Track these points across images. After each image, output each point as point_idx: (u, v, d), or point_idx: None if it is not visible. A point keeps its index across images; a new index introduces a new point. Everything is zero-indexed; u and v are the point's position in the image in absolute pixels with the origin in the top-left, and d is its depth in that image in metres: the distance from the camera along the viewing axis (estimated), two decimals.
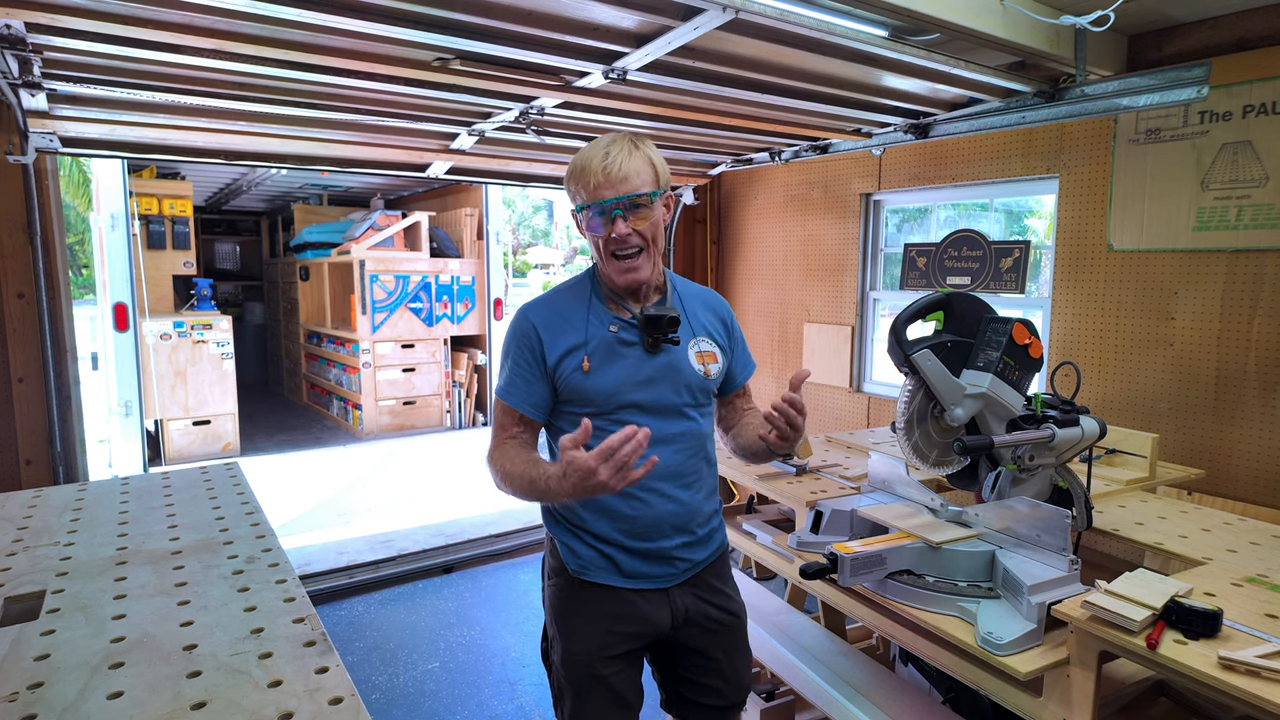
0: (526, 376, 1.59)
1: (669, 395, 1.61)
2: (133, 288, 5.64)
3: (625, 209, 1.52)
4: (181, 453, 6.66)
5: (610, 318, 1.61)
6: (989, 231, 3.70)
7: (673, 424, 1.61)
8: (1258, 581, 1.68)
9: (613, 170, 1.50)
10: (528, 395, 1.59)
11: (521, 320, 1.62)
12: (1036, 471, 1.95)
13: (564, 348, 1.58)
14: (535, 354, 1.58)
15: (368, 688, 3.16)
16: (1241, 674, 1.30)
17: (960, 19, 2.16)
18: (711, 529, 1.71)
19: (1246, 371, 2.73)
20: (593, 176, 1.51)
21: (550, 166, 4.20)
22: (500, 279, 7.98)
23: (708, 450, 1.70)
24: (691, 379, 1.63)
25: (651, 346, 1.60)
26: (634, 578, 1.61)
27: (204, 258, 10.08)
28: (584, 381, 1.56)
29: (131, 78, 2.50)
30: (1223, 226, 2.75)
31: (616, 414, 1.57)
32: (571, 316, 1.61)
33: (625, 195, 1.51)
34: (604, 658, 1.59)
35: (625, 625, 1.61)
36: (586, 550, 1.61)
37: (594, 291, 1.65)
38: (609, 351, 1.58)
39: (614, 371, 1.57)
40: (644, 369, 1.59)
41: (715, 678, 1.71)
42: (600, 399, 1.57)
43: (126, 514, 1.85)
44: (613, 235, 1.52)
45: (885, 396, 4.23)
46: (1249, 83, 2.65)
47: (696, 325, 1.69)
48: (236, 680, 1.10)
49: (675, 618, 1.64)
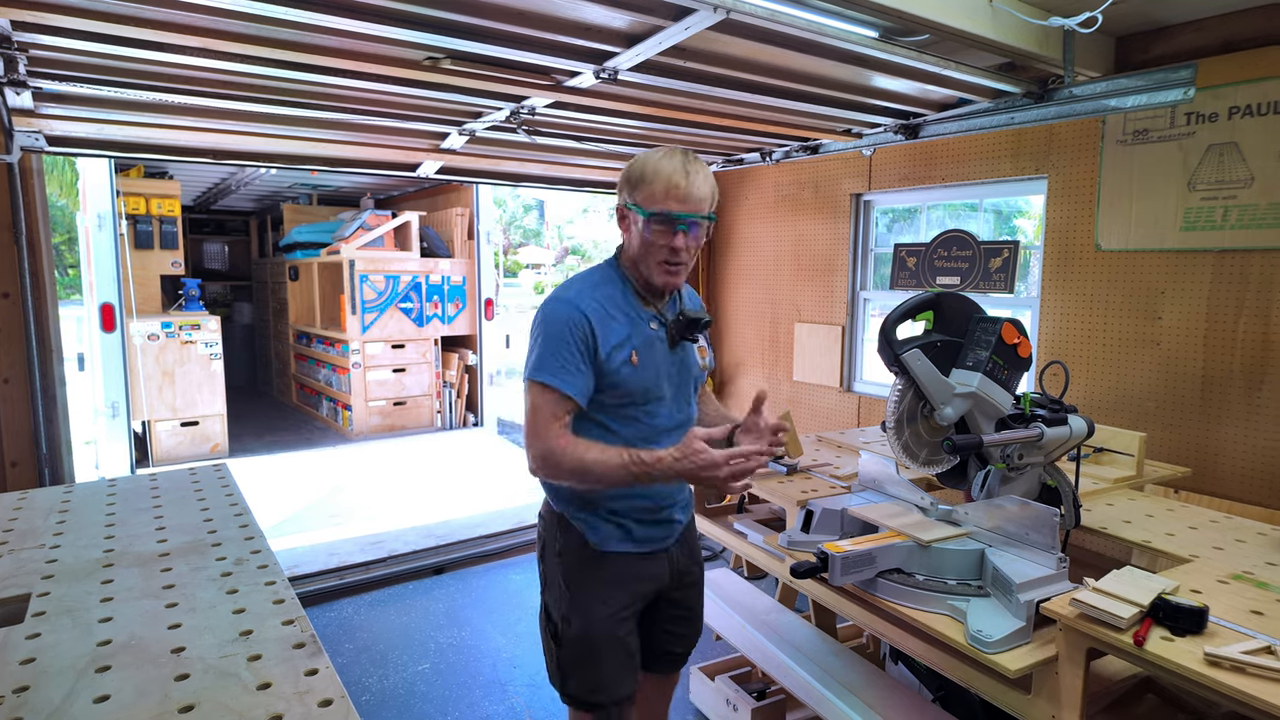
0: (579, 364, 1.62)
1: (682, 386, 1.77)
2: (120, 288, 5.59)
3: (689, 226, 1.62)
4: (169, 454, 6.61)
5: (650, 314, 1.73)
6: (978, 232, 3.72)
7: (683, 411, 1.78)
8: (1243, 578, 1.70)
9: (693, 190, 1.60)
10: (577, 383, 1.62)
11: (572, 310, 1.64)
12: (1025, 470, 1.96)
13: (615, 340, 1.65)
14: (589, 344, 1.63)
15: (358, 689, 3.14)
16: (1227, 670, 1.31)
17: (950, 20, 2.17)
18: (689, 494, 1.94)
19: (1232, 371, 2.75)
20: (672, 189, 1.59)
21: (541, 166, 4.20)
22: (491, 279, 7.96)
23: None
24: (696, 371, 1.81)
25: (674, 343, 1.74)
26: (645, 542, 1.78)
27: (192, 258, 9.99)
28: (632, 374, 1.66)
29: (119, 76, 2.48)
30: (1209, 227, 2.78)
31: (646, 405, 1.70)
32: (616, 311, 1.69)
33: (696, 214, 1.61)
34: (621, 619, 1.74)
35: (639, 585, 1.78)
36: (605, 525, 1.74)
37: (625, 284, 1.74)
38: (649, 347, 1.69)
39: (652, 366, 1.69)
40: (669, 364, 1.74)
41: (685, 625, 1.94)
42: (639, 391, 1.68)
43: (113, 516, 1.83)
44: (673, 245, 1.62)
45: (875, 396, 4.24)
46: (1235, 84, 2.68)
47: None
48: (225, 683, 1.10)
49: (673, 573, 1.84)
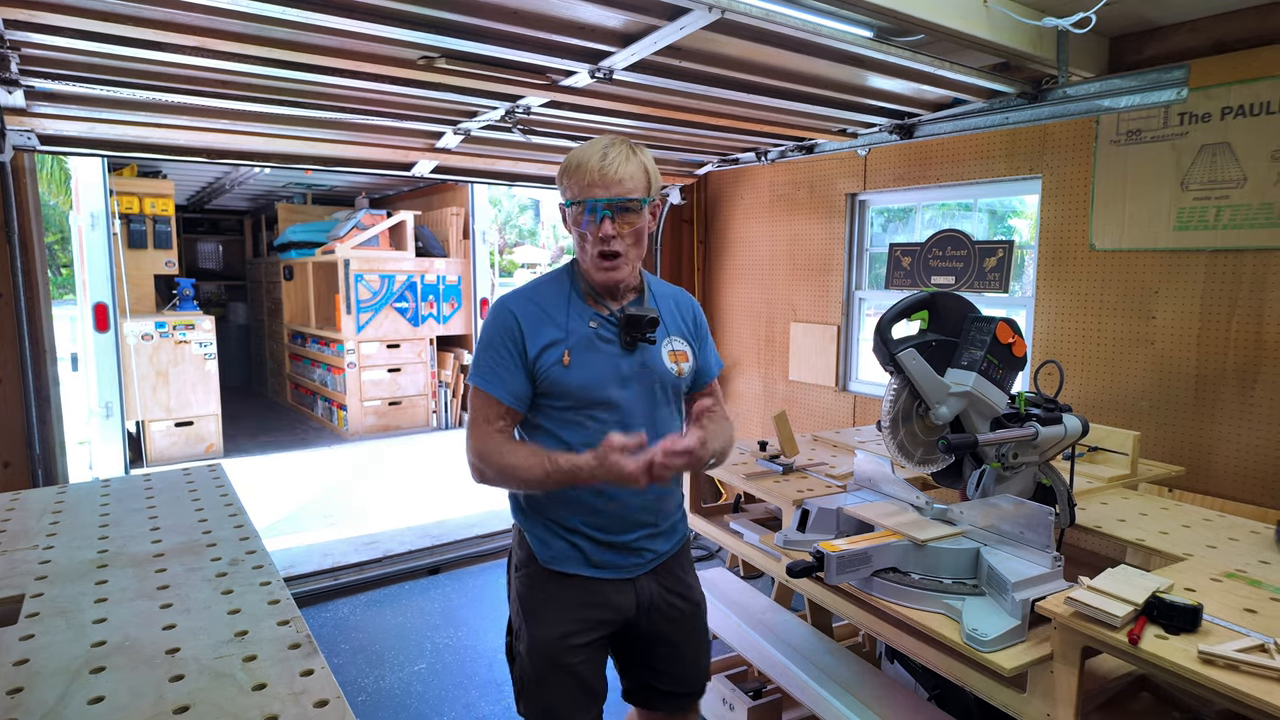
0: (509, 367, 1.60)
1: (643, 392, 1.66)
2: (113, 287, 5.57)
3: (615, 210, 1.55)
4: (163, 454, 6.59)
5: (590, 313, 1.65)
6: (973, 231, 3.72)
7: (642, 420, 1.64)
8: (1236, 577, 1.70)
9: (608, 171, 1.53)
10: (509, 385, 1.60)
11: (501, 311, 1.64)
12: (1020, 469, 1.97)
13: (544, 341, 1.60)
14: (517, 345, 1.60)
15: (354, 690, 3.14)
16: (1221, 668, 1.32)
17: (944, 20, 2.17)
18: (674, 521, 1.78)
19: (1225, 370, 2.77)
20: (587, 174, 1.54)
21: (536, 166, 4.19)
22: (486, 278, 7.95)
23: None
24: (665, 377, 1.68)
25: (628, 345, 1.64)
26: (602, 568, 1.66)
27: (186, 257, 9.98)
28: (563, 375, 1.59)
29: (112, 75, 2.47)
30: (1202, 226, 2.79)
31: (592, 409, 1.61)
32: (552, 310, 1.64)
33: (616, 197, 1.54)
34: (570, 646, 1.64)
35: (592, 612, 1.66)
36: (557, 541, 1.66)
37: (574, 286, 1.68)
38: (588, 347, 1.62)
39: (591, 367, 1.61)
40: (620, 366, 1.63)
41: (676, 665, 1.78)
42: (577, 393, 1.60)
43: (107, 517, 1.83)
44: (599, 235, 1.56)
45: (871, 395, 4.25)
46: (1227, 85, 2.69)
47: (671, 325, 1.74)
48: (220, 683, 1.09)
49: (640, 605, 1.70)
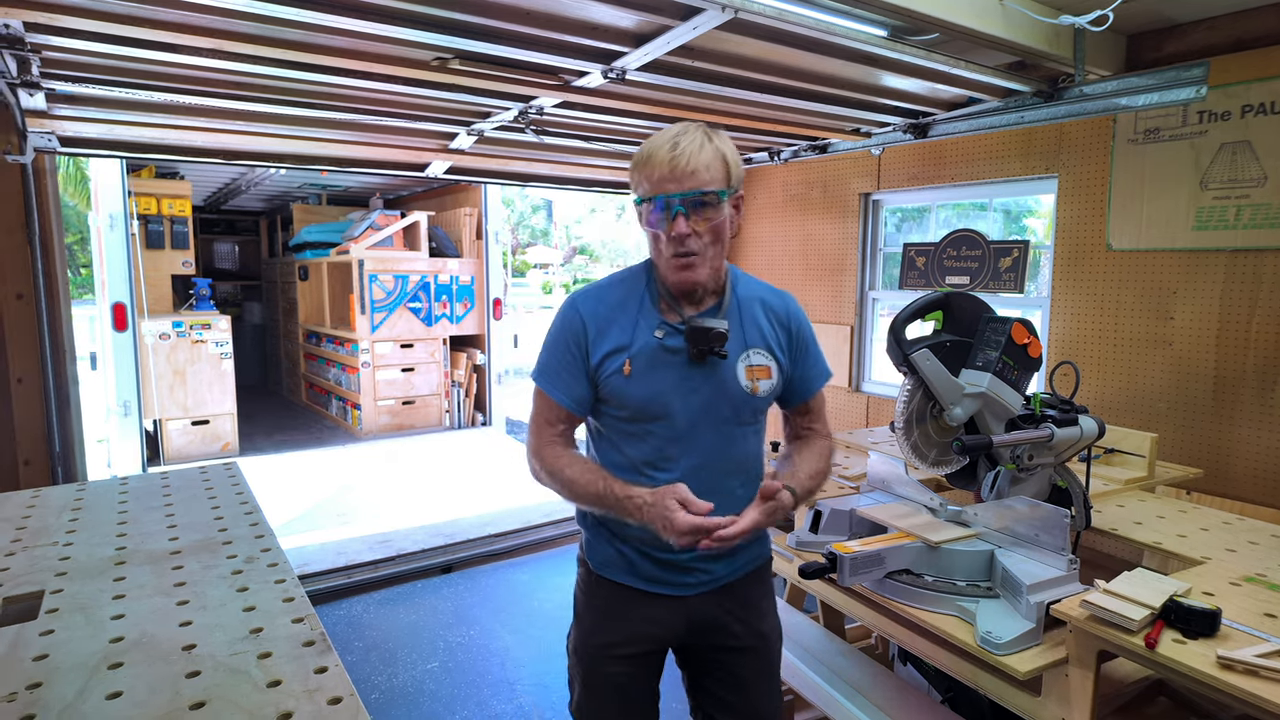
0: (572, 370, 1.52)
1: (708, 409, 1.51)
2: (131, 287, 5.63)
3: (689, 206, 1.41)
4: (180, 453, 6.65)
5: (658, 322, 1.51)
6: (988, 231, 3.70)
7: (708, 438, 1.52)
8: (1256, 581, 1.68)
9: (680, 162, 1.38)
10: (570, 390, 1.53)
11: (569, 311, 1.55)
12: (1035, 471, 1.95)
13: (608, 347, 1.50)
14: (580, 349, 1.51)
15: (367, 687, 3.15)
16: (1240, 673, 1.30)
17: (960, 19, 2.16)
18: (739, 545, 1.53)
19: (1245, 371, 2.73)
20: (658, 167, 1.40)
21: (549, 166, 4.20)
22: (499, 279, 7.98)
23: (748, 469, 1.59)
24: (736, 396, 1.52)
25: (697, 357, 1.49)
26: (651, 582, 1.57)
27: (203, 257, 10.06)
28: (624, 386, 1.49)
29: (130, 77, 2.50)
30: (1222, 226, 2.75)
31: (650, 423, 1.51)
32: (620, 315, 1.52)
33: (691, 191, 1.39)
34: (612, 655, 1.58)
35: (638, 626, 1.57)
36: (607, 548, 1.60)
37: (647, 289, 1.55)
38: (652, 358, 1.50)
39: (654, 380, 1.49)
40: (686, 380, 1.50)
41: (734, 693, 1.63)
42: (637, 406, 1.50)
43: (125, 514, 1.85)
44: (672, 234, 1.42)
45: (884, 396, 4.23)
46: (1247, 83, 2.65)
47: (751, 334, 1.56)
48: (235, 680, 1.10)
49: (693, 626, 1.58)
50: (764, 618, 1.66)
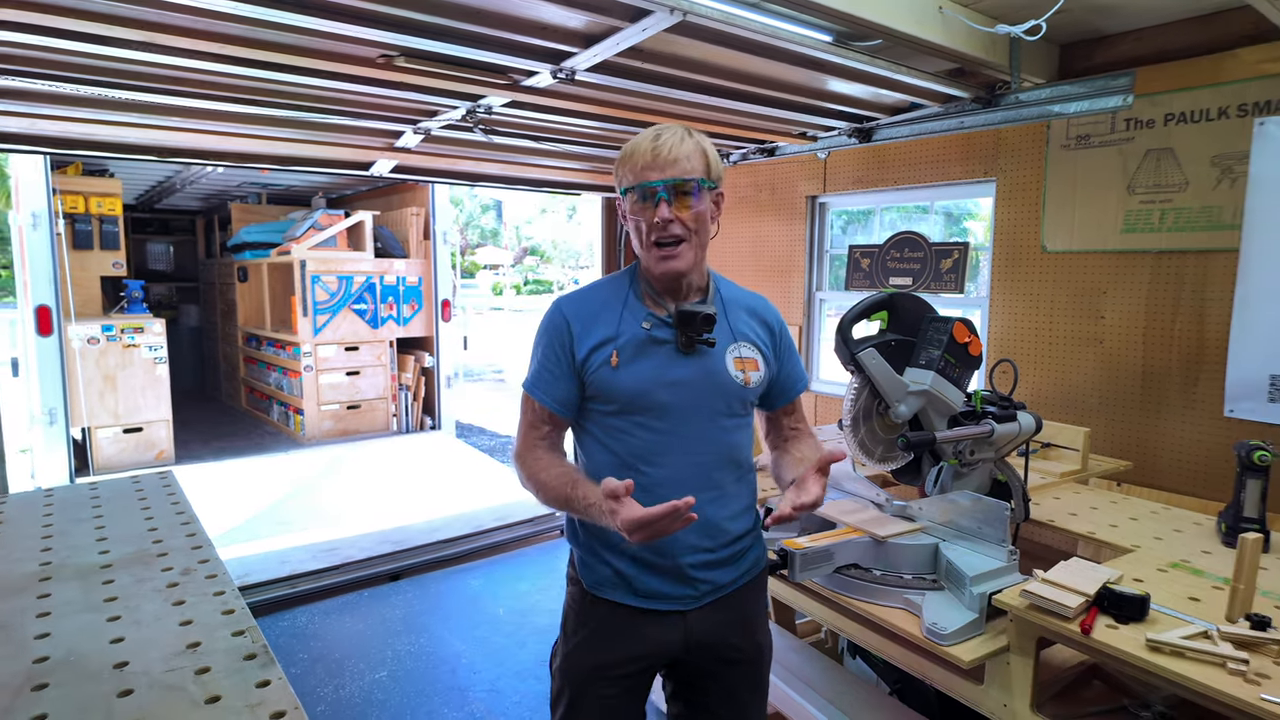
0: (555, 371, 1.53)
1: (698, 400, 1.51)
2: (57, 290, 5.38)
3: (671, 193, 1.45)
4: (111, 462, 6.37)
5: (645, 314, 1.53)
6: (929, 233, 3.80)
7: (699, 431, 1.51)
8: (1181, 567, 1.77)
9: (662, 151, 1.44)
10: (553, 390, 1.53)
11: (554, 312, 1.56)
12: (977, 466, 2.01)
13: (594, 341, 1.51)
14: (565, 348, 1.52)
15: (313, 700, 3.07)
16: (1168, 655, 1.36)
17: (900, 25, 2.21)
18: (741, 549, 1.59)
19: (1169, 367, 2.86)
20: (640, 158, 1.45)
21: (498, 166, 4.16)
22: (448, 279, 7.87)
23: (741, 463, 1.59)
24: (727, 385, 1.53)
25: (685, 346, 1.51)
26: (649, 598, 1.52)
27: (135, 258, 9.66)
28: (611, 377, 1.49)
29: (56, 69, 2.38)
30: (1147, 229, 2.88)
31: (640, 415, 1.49)
32: (605, 311, 1.54)
33: (672, 179, 1.44)
34: (605, 677, 1.54)
35: (634, 646, 1.53)
36: (602, 567, 1.55)
37: (632, 286, 1.57)
38: (639, 348, 1.50)
39: (642, 369, 1.49)
40: (675, 370, 1.50)
41: (730, 708, 1.61)
42: (625, 397, 1.49)
43: (50, 527, 1.76)
44: (655, 220, 1.45)
45: (832, 394, 4.31)
46: (1169, 92, 2.79)
47: (738, 329, 1.59)
48: (171, 697, 1.06)
49: (689, 643, 1.54)
50: (758, 628, 1.65)
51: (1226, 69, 2.64)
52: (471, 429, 9.07)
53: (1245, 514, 1.94)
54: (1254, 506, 1.94)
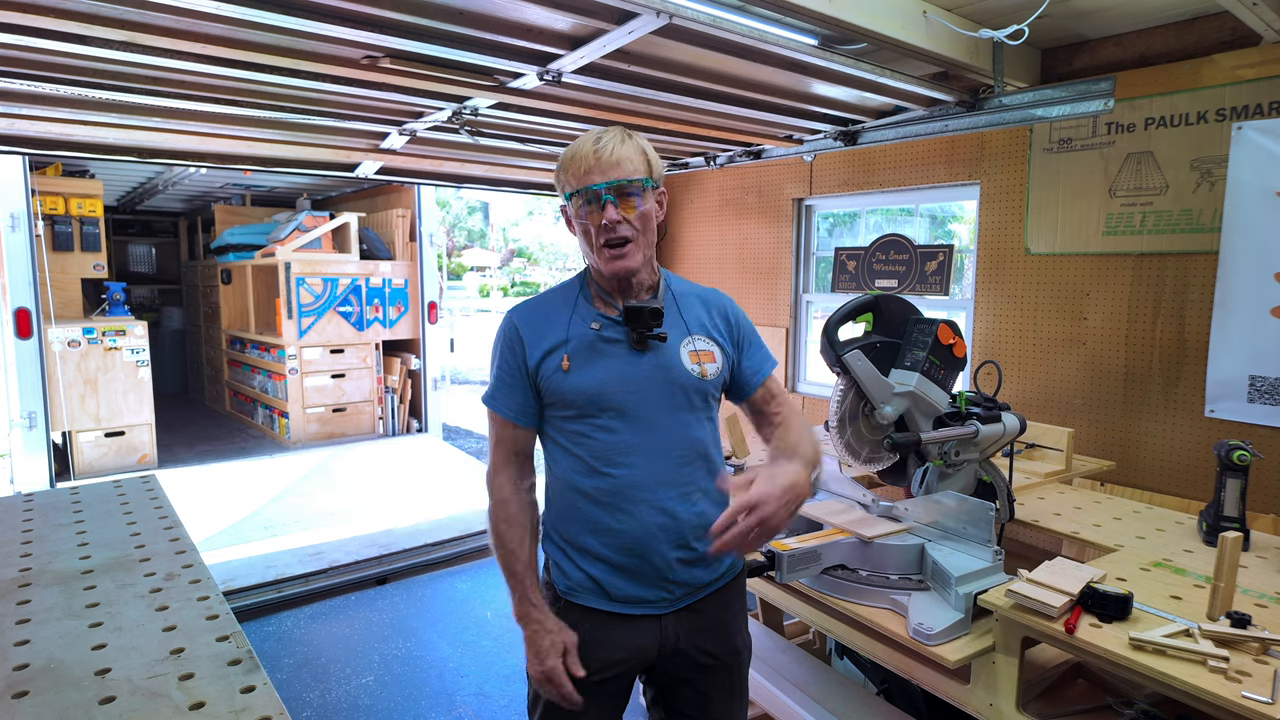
0: (509, 382, 1.53)
1: (656, 396, 1.50)
2: (36, 292, 5.31)
3: (616, 195, 1.45)
4: (92, 466, 6.29)
5: (594, 315, 1.53)
6: (915, 236, 3.83)
7: (661, 428, 1.50)
8: (1163, 566, 1.79)
9: (604, 154, 1.44)
10: (509, 401, 1.53)
11: (506, 323, 1.57)
12: (962, 466, 2.03)
13: (545, 347, 1.51)
14: (518, 357, 1.53)
15: (298, 705, 3.04)
16: (1150, 653, 1.38)
17: (885, 29, 2.23)
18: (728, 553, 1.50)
19: (1151, 368, 2.90)
20: (583, 162, 1.45)
21: (484, 168, 4.15)
22: (434, 281, 7.82)
23: (709, 458, 1.56)
24: (684, 379, 1.52)
25: (638, 343, 1.50)
26: (624, 602, 1.50)
27: (117, 260, 9.56)
28: (563, 381, 1.48)
29: (33, 69, 2.35)
30: (1129, 231, 2.92)
31: (599, 417, 1.48)
32: (555, 316, 1.54)
33: (615, 180, 1.44)
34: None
35: (608, 653, 1.50)
36: (575, 572, 1.53)
37: (583, 290, 1.58)
38: (590, 350, 1.50)
39: (595, 371, 1.48)
40: (630, 369, 1.49)
41: (703, 713, 1.59)
42: (581, 400, 1.48)
43: (30, 533, 1.73)
44: (602, 222, 1.45)
45: (819, 396, 4.33)
46: (1150, 96, 2.82)
47: (692, 323, 1.58)
48: (154, 704, 1.05)
49: (664, 647, 1.52)
50: (736, 633, 1.62)
51: (1205, 74, 2.68)
52: (459, 432, 9.03)
53: (1225, 513, 1.97)
54: (1234, 505, 1.97)
